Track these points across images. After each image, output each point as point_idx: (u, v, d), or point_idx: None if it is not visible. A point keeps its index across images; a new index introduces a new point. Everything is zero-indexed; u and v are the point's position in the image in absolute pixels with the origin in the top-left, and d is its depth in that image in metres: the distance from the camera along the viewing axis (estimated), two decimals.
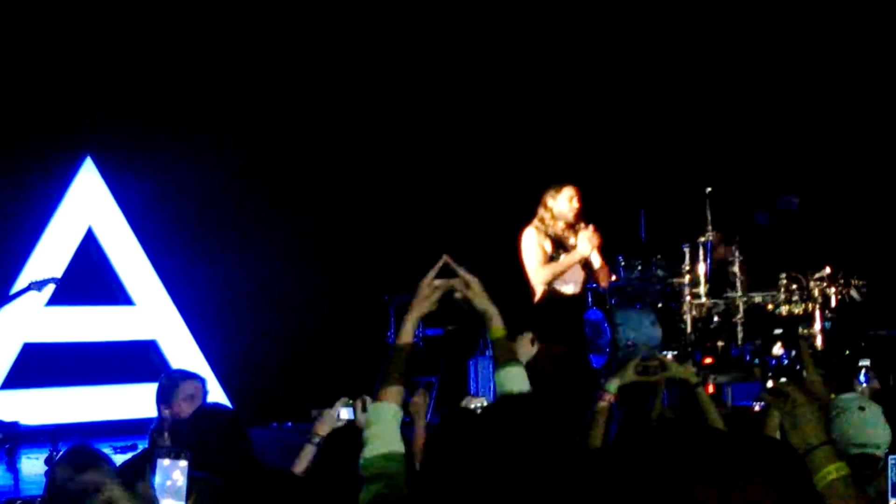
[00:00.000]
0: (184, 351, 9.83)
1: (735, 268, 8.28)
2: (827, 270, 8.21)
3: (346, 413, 4.04)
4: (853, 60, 10.25)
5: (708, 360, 8.24)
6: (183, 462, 2.44)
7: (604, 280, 7.68)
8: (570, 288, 7.41)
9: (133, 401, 8.81)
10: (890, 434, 3.52)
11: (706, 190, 8.31)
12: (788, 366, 7.48)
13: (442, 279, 2.88)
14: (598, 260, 7.46)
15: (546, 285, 7.29)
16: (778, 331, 8.07)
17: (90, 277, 9.64)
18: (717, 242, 8.45)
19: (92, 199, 9.71)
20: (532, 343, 3.80)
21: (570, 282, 7.41)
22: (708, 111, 10.53)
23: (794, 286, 8.24)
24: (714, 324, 8.33)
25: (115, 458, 5.58)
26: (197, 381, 5.02)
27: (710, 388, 7.39)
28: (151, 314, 9.87)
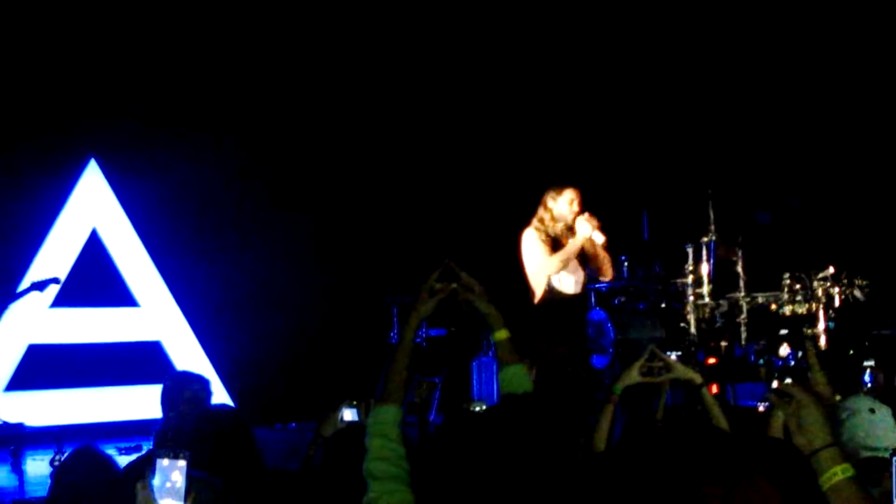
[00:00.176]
0: (188, 352, 9.84)
1: (738, 268, 8.28)
2: (830, 270, 8.21)
3: (350, 415, 4.05)
4: (855, 61, 10.25)
5: (712, 361, 8.24)
6: (182, 462, 2.42)
7: (607, 271, 7.42)
8: (571, 288, 7.37)
9: (138, 402, 8.81)
10: None
11: (708, 191, 8.31)
12: (794, 367, 7.48)
13: (443, 283, 2.89)
14: (601, 237, 7.25)
15: (547, 285, 7.26)
16: (783, 331, 8.06)
17: (95, 279, 9.64)
18: (720, 243, 8.44)
19: (96, 201, 9.71)
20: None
21: (571, 281, 7.38)
22: (710, 112, 10.53)
23: (798, 286, 8.24)
24: (718, 324, 8.33)
25: (120, 460, 5.62)
26: (201, 383, 5.03)
27: (714, 389, 7.39)
28: (156, 315, 9.88)
